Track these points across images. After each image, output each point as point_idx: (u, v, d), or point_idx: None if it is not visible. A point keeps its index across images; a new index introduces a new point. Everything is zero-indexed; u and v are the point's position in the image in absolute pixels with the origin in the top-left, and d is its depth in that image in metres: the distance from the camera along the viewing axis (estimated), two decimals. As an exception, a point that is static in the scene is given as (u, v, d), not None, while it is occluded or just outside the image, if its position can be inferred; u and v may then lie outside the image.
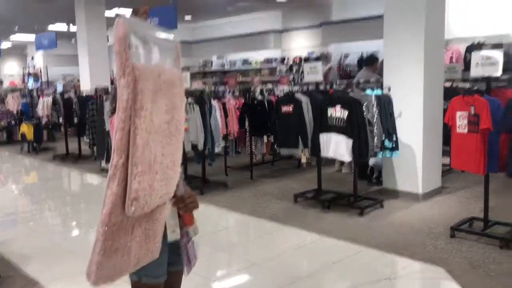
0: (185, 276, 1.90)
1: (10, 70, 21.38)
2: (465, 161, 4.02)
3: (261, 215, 5.01)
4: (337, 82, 5.98)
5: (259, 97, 6.65)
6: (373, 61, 6.71)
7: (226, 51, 14.89)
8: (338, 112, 4.80)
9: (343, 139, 4.74)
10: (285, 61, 13.11)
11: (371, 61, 6.73)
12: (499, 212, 4.45)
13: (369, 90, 4.95)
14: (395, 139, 4.89)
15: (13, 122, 11.02)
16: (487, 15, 7.50)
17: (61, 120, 9.02)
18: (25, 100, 11.08)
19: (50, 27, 13.82)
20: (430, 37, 5.15)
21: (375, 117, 4.72)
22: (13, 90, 12.14)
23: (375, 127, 4.71)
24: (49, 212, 5.87)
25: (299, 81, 10.46)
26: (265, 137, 6.60)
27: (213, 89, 7.03)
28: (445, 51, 6.42)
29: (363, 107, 4.70)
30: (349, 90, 5.17)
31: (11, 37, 16.06)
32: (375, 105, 4.74)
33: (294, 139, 5.47)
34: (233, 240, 4.67)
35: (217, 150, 5.94)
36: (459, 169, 4.55)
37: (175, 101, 1.48)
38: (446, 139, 5.03)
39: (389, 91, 5.04)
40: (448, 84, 5.86)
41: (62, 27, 13.77)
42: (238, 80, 13.36)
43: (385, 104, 4.84)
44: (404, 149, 5.17)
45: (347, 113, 4.72)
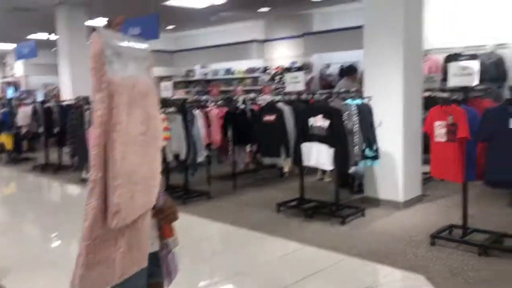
0: (165, 288, 1.88)
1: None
2: (444, 170, 4.09)
3: (244, 224, 5.01)
4: (318, 91, 6.04)
5: (242, 106, 6.68)
6: (352, 72, 6.82)
7: (209, 61, 14.91)
8: (319, 121, 4.84)
9: (324, 148, 4.78)
10: (268, 71, 13.19)
11: (350, 72, 6.83)
12: (478, 219, 4.53)
13: (350, 99, 5.01)
14: (375, 148, 4.94)
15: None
16: (465, 27, 7.68)
17: (41, 129, 8.89)
18: (4, 109, 10.91)
19: (30, 36, 13.66)
20: (409, 48, 5.25)
21: (356, 126, 4.77)
22: (-8, 99, 11.95)
23: (356, 136, 4.76)
24: (28, 223, 5.76)
25: (282, 90, 10.53)
26: (248, 146, 6.61)
27: (196, 98, 7.03)
28: (424, 61, 6.54)
29: (344, 116, 4.76)
30: (330, 99, 5.22)
31: (-10, 46, 15.86)
32: (356, 115, 4.80)
33: (276, 148, 5.49)
34: (216, 250, 4.65)
35: (199, 159, 5.92)
36: (438, 178, 4.62)
37: (150, 111, 1.50)
38: (426, 148, 5.11)
39: (370, 100, 5.11)
40: (427, 93, 5.97)
41: (42, 36, 13.63)
42: (221, 89, 13.40)
43: (365, 113, 4.90)
44: (385, 158, 5.23)
45: (328, 123, 4.77)
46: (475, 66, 3.92)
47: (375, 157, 4.98)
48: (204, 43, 14.99)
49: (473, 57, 4.00)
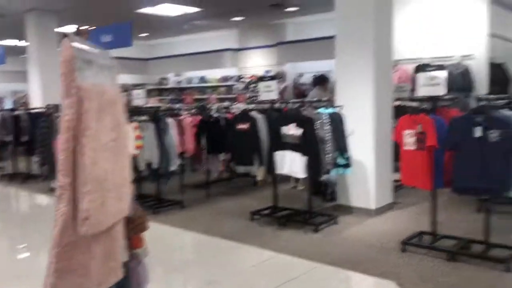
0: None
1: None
2: (414, 177, 4.18)
3: (217, 233, 4.98)
4: (291, 100, 6.10)
5: (216, 115, 6.67)
6: (324, 81, 6.95)
7: (183, 69, 14.87)
8: (292, 130, 4.88)
9: (297, 156, 4.82)
10: (242, 79, 13.23)
11: (322, 81, 6.96)
12: (447, 226, 4.63)
13: (322, 108, 5.08)
14: (347, 156, 5.01)
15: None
16: (433, 38, 7.89)
17: (9, 138, 8.65)
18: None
19: (-1, 43, 13.36)
20: (379, 58, 5.36)
21: (328, 134, 4.83)
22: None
23: (328, 145, 4.82)
24: (-6, 235, 5.59)
25: (255, 99, 10.58)
26: (222, 155, 6.60)
27: (169, 106, 6.99)
28: (394, 71, 6.69)
29: (316, 125, 4.82)
30: (303, 108, 5.27)
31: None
32: (328, 123, 4.86)
33: (249, 157, 5.51)
34: (189, 259, 4.61)
35: (172, 168, 5.88)
36: (409, 185, 4.71)
37: (119, 119, 1.51)
38: (397, 156, 5.21)
39: (341, 109, 5.19)
40: (397, 103, 6.10)
41: (11, 42, 13.33)
42: (194, 97, 13.37)
43: (337, 122, 4.97)
44: (356, 166, 5.31)
45: (301, 131, 4.81)
46: (443, 76, 4.03)
47: (347, 165, 5.04)
48: (178, 51, 14.96)
49: (441, 67, 4.12)
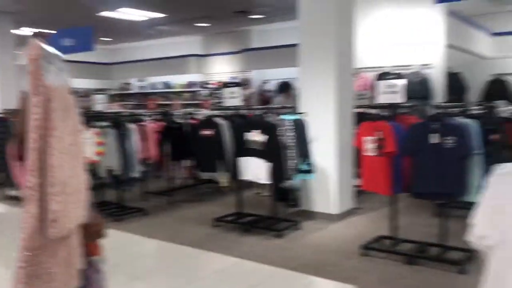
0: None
1: None
2: (374, 183, 4.27)
3: (180, 240, 4.93)
4: (256, 107, 6.13)
5: (180, 121, 6.62)
6: (287, 88, 7.03)
7: (147, 74, 14.70)
8: (256, 136, 4.91)
9: (261, 162, 4.85)
10: (207, 85, 13.20)
11: (285, 88, 7.05)
12: (406, 230, 4.74)
13: (286, 115, 5.13)
14: (310, 162, 5.08)
15: None
16: (394, 47, 8.12)
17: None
18: None
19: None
20: (341, 66, 5.47)
21: (291, 141, 4.88)
22: None
23: (291, 151, 4.87)
24: None
25: (220, 105, 10.58)
26: (186, 161, 6.55)
27: (131, 111, 6.89)
28: (355, 79, 6.83)
29: (280, 131, 4.86)
30: (267, 115, 5.31)
31: None
32: (291, 130, 4.91)
33: (214, 163, 5.49)
34: (151, 267, 4.53)
35: (134, 175, 5.78)
36: (369, 190, 4.80)
37: (75, 123, 1.50)
38: (358, 162, 5.31)
39: (305, 116, 5.26)
40: (358, 110, 6.22)
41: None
42: (158, 103, 13.23)
43: (300, 128, 5.04)
44: (319, 172, 5.38)
45: (265, 137, 4.85)
46: (401, 84, 4.16)
47: (310, 171, 5.11)
48: (142, 56, 14.79)
49: (400, 76, 4.24)
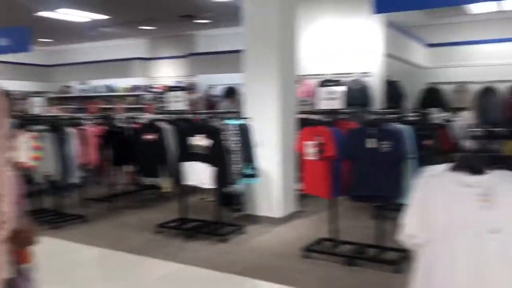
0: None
1: None
2: (315, 186, 4.38)
3: (122, 247, 4.81)
4: (201, 111, 6.12)
5: (122, 125, 6.47)
6: (232, 94, 7.08)
7: (89, 77, 14.25)
8: (200, 140, 4.89)
9: (205, 167, 4.83)
10: (151, 89, 13.00)
11: (230, 94, 7.09)
12: (346, 232, 4.88)
13: (231, 119, 5.15)
14: (254, 166, 5.12)
15: None
16: (336, 55, 8.36)
17: None
18: None
19: None
20: (284, 73, 5.58)
21: (236, 145, 4.91)
22: None
23: (236, 155, 4.89)
24: None
25: (164, 109, 10.45)
26: (128, 166, 6.40)
27: (71, 115, 6.66)
28: (298, 86, 6.97)
29: (225, 136, 4.87)
30: (212, 119, 5.31)
31: None
32: (236, 134, 4.94)
33: (156, 168, 5.41)
34: (91, 275, 4.38)
35: (73, 180, 5.58)
36: (310, 194, 4.91)
37: (2, 124, 1.45)
38: (301, 166, 5.42)
39: (249, 121, 5.30)
40: (301, 116, 6.36)
41: None
42: (100, 106, 12.85)
43: (245, 133, 5.08)
44: (263, 176, 5.44)
45: (209, 142, 4.84)
46: (341, 91, 4.30)
47: (254, 176, 5.16)
48: (84, 59, 14.33)
49: (339, 83, 4.39)
